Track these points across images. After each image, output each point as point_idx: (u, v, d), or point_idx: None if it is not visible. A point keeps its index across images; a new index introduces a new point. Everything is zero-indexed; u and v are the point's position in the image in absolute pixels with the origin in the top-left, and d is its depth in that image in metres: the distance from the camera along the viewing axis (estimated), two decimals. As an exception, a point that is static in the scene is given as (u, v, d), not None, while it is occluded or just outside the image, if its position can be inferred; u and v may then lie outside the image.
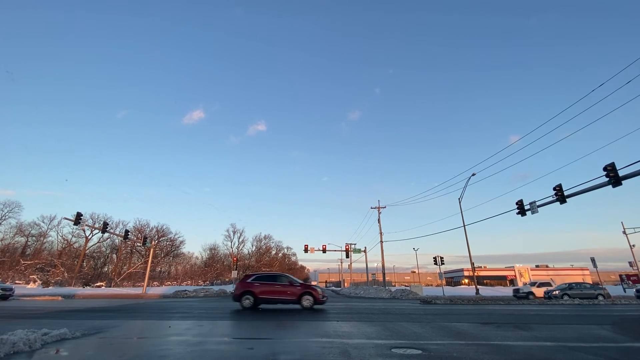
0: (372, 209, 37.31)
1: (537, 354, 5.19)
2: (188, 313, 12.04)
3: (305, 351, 5.21)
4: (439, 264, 28.84)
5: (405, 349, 5.41)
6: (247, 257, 73.25)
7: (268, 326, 8.57)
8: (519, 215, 19.26)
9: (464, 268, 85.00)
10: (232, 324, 9.04)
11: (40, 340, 5.47)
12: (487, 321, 9.76)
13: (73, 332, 6.47)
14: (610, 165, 13.52)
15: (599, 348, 5.70)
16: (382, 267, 33.88)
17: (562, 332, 7.87)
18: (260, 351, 5.18)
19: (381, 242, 34.80)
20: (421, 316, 11.03)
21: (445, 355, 4.98)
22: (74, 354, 5.02)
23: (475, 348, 5.57)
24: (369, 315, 11.25)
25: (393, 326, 8.33)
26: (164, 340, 6.32)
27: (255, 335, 7.24)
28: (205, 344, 5.81)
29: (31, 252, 52.97)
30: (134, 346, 5.83)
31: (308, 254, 54.14)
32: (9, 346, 4.96)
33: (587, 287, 24.95)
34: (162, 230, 61.38)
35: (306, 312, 12.07)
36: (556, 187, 16.38)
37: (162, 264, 66.40)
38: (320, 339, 6.38)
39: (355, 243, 59.40)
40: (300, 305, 13.42)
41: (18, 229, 51.97)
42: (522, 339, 6.56)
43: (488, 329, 8.08)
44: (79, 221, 27.17)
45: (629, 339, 7.04)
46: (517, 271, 75.08)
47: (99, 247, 59.13)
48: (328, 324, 8.75)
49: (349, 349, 5.35)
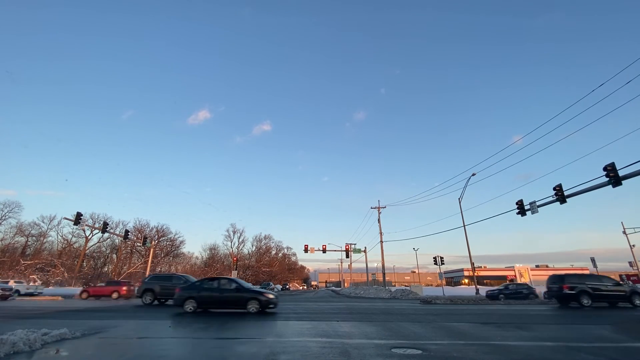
0: (372, 209, 37.33)
1: (537, 354, 5.19)
2: (186, 313, 12.01)
3: (305, 351, 5.21)
4: (439, 264, 28.84)
5: (405, 349, 5.41)
6: (247, 257, 73.26)
7: (265, 326, 8.57)
8: (519, 215, 19.26)
9: (464, 268, 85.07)
10: (233, 325, 9.03)
11: (40, 340, 5.47)
12: (487, 321, 9.76)
13: (73, 332, 6.47)
14: (610, 165, 13.52)
15: (598, 348, 5.70)
16: (382, 267, 33.89)
17: (562, 332, 7.87)
18: (261, 350, 5.18)
19: (381, 242, 34.81)
20: (421, 316, 11.04)
21: (445, 355, 4.98)
22: (74, 354, 5.02)
23: (475, 348, 5.57)
24: (369, 315, 11.25)
25: (393, 326, 8.33)
26: (164, 340, 6.33)
27: (255, 335, 7.23)
28: (205, 344, 5.82)
29: (31, 252, 52.92)
30: (134, 346, 5.83)
31: (308, 254, 54.22)
32: (9, 346, 4.96)
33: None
34: (162, 230, 61.47)
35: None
36: (556, 187, 16.38)
37: (162, 264, 66.31)
38: (320, 338, 6.38)
39: (355, 243, 59.39)
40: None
41: (18, 229, 51.96)
42: (522, 339, 6.56)
43: (488, 329, 8.08)
44: (79, 221, 27.17)
45: (629, 339, 7.04)
46: (517, 271, 75.04)
47: (99, 247, 59.22)
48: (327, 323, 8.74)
49: (349, 349, 5.35)
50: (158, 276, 17.93)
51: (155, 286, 16.37)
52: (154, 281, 16.88)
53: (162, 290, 16.19)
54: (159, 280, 17.00)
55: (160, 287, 16.29)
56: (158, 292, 16.21)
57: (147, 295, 16.20)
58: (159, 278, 17.40)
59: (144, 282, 17.21)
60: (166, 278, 17.23)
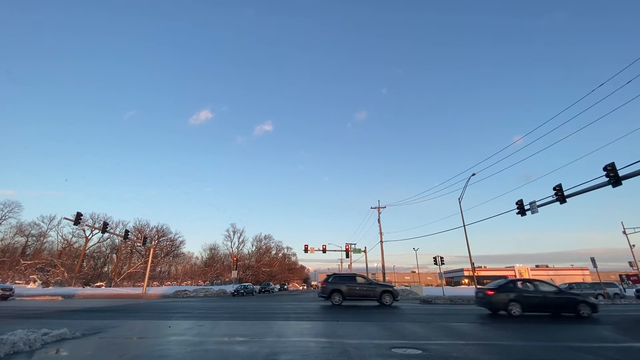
0: (372, 209, 37.31)
1: (537, 354, 5.19)
2: (188, 313, 12.04)
3: (305, 351, 5.21)
4: (439, 264, 28.81)
5: (405, 349, 5.41)
6: (247, 257, 73.22)
7: (265, 326, 8.57)
8: (519, 215, 19.24)
9: (464, 268, 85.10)
10: (232, 324, 9.04)
11: (40, 340, 5.47)
12: (487, 321, 9.76)
13: (73, 332, 6.47)
14: (610, 165, 13.51)
15: (598, 348, 5.70)
16: (382, 267, 33.88)
17: (563, 332, 7.87)
18: (261, 351, 5.18)
19: (381, 242, 34.80)
20: (421, 316, 11.03)
21: (445, 355, 4.98)
22: (74, 354, 5.02)
23: (475, 348, 5.57)
24: (369, 315, 11.24)
25: (393, 326, 8.33)
26: (164, 340, 6.32)
27: (253, 334, 7.23)
28: (205, 344, 5.81)
29: (31, 252, 52.96)
30: (134, 346, 5.83)
31: (308, 254, 54.19)
32: (9, 346, 4.96)
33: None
34: (162, 230, 61.43)
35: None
36: (556, 187, 16.36)
37: (162, 264, 66.41)
38: (320, 338, 6.38)
39: (355, 243, 59.52)
40: None
41: (18, 229, 52.00)
42: (522, 339, 6.56)
43: (488, 329, 8.09)
44: (79, 221, 27.16)
45: (629, 339, 7.04)
46: (517, 271, 75.13)
47: (99, 247, 59.27)
48: (328, 323, 8.74)
49: (349, 349, 5.35)
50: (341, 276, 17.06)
51: (342, 286, 15.72)
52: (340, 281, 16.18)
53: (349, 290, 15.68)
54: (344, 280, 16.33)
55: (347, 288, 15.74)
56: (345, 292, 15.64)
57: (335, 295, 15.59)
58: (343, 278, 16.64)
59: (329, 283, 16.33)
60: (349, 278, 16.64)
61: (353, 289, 15.61)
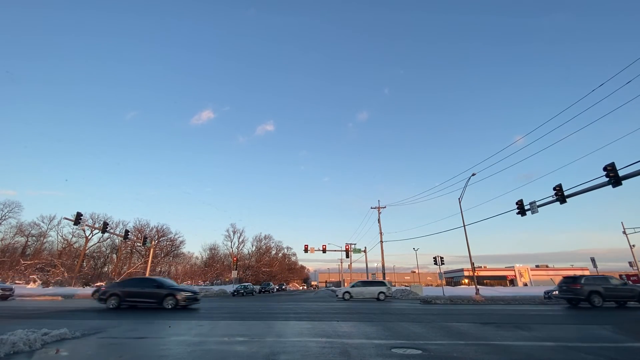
0: (372, 209, 37.32)
1: (537, 354, 5.18)
2: (188, 313, 12.03)
3: (305, 351, 5.21)
4: (439, 264, 28.80)
5: (405, 349, 5.41)
6: (247, 257, 73.18)
7: (265, 325, 8.57)
8: (519, 215, 19.25)
9: (464, 268, 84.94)
10: (232, 324, 9.03)
11: (40, 340, 5.47)
12: (487, 321, 9.75)
13: (73, 332, 6.47)
14: (610, 165, 13.52)
15: (598, 348, 5.69)
16: (382, 267, 33.88)
17: (562, 332, 7.86)
18: (261, 351, 5.18)
19: (381, 242, 34.80)
20: (421, 316, 11.03)
21: (445, 356, 4.98)
22: (74, 354, 5.02)
23: (475, 348, 5.57)
24: (369, 315, 11.25)
25: (393, 326, 8.32)
26: (164, 340, 6.32)
27: (253, 334, 7.23)
28: (205, 344, 5.81)
29: (31, 252, 52.93)
30: (133, 346, 5.83)
31: (308, 254, 54.25)
32: (9, 346, 4.96)
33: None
34: (162, 230, 61.36)
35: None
36: (556, 187, 16.37)
37: (162, 264, 66.33)
38: (320, 338, 6.38)
39: (355, 243, 59.50)
40: None
41: (18, 229, 51.97)
42: (522, 339, 6.55)
43: (488, 329, 8.08)
44: (79, 221, 27.15)
45: (629, 339, 7.03)
46: (517, 271, 75.04)
47: (99, 247, 59.19)
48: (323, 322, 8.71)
49: (349, 349, 5.35)
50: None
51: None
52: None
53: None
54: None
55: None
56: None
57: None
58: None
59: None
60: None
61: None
